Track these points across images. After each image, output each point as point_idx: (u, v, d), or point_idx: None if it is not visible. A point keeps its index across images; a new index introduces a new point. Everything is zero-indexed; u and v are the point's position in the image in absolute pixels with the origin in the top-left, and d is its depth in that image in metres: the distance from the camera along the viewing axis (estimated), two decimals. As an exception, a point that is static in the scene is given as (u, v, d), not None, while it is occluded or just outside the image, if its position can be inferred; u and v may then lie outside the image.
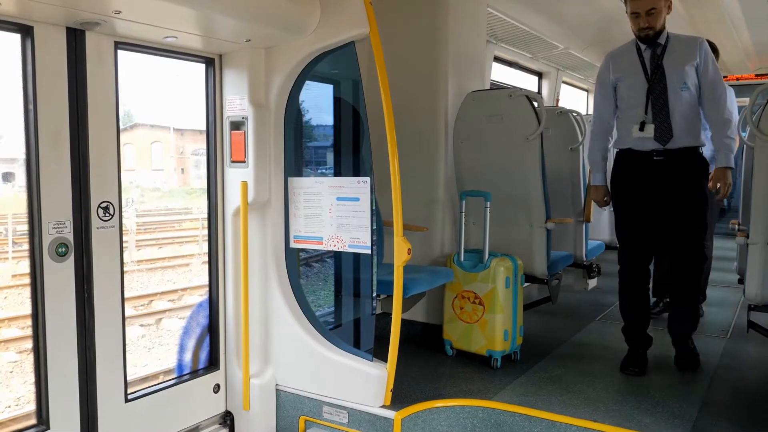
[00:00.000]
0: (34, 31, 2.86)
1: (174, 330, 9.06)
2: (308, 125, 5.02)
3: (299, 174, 3.97)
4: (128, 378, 3.43)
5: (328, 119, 4.85)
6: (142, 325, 9.25)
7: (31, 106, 2.89)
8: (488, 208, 4.46)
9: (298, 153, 4.13)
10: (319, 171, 5.42)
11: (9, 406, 6.71)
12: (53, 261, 3.00)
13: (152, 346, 8.73)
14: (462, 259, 4.47)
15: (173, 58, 3.61)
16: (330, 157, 5.07)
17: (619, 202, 4.22)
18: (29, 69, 2.88)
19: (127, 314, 9.17)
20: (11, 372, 7.45)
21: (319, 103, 4.78)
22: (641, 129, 3.95)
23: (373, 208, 3.55)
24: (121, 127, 3.31)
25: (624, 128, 4.12)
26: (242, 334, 3.76)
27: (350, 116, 4.68)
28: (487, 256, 4.38)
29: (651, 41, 3.97)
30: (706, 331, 5.02)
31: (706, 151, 4.22)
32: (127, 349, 3.41)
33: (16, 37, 2.87)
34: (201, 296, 4.10)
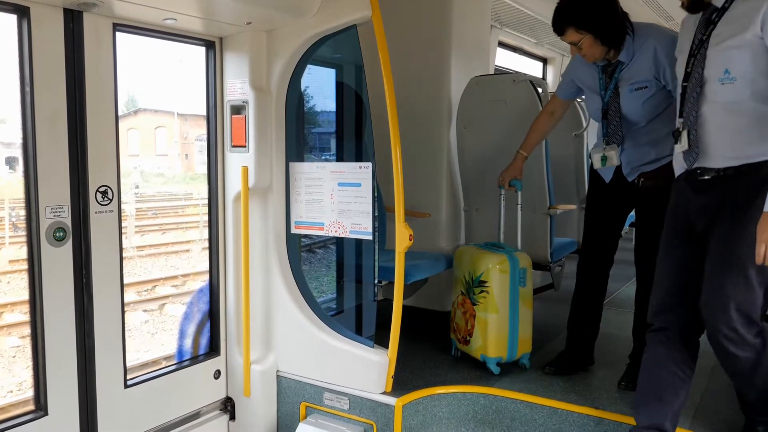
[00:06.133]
0: (31, 11, 2.82)
1: (177, 315, 9.07)
2: (310, 110, 4.99)
3: (300, 159, 3.94)
4: (132, 363, 3.41)
5: (329, 104, 4.82)
6: (145, 311, 9.26)
7: (27, 89, 2.85)
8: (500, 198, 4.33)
9: (300, 138, 4.10)
10: (320, 156, 5.40)
11: (11, 391, 6.72)
12: (51, 246, 2.97)
13: (155, 331, 8.74)
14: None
15: (173, 40, 3.57)
16: (332, 142, 5.04)
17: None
18: (25, 51, 2.84)
19: (130, 299, 9.20)
20: (14, 357, 7.47)
21: (320, 87, 4.75)
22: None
23: (375, 193, 3.52)
24: (126, 112, 3.28)
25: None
26: (243, 320, 3.75)
27: (352, 101, 4.64)
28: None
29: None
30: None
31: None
32: (130, 334, 3.40)
33: (12, 18, 2.83)
34: (204, 282, 4.09)
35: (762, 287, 2.58)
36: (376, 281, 3.99)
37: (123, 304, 3.34)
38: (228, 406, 3.92)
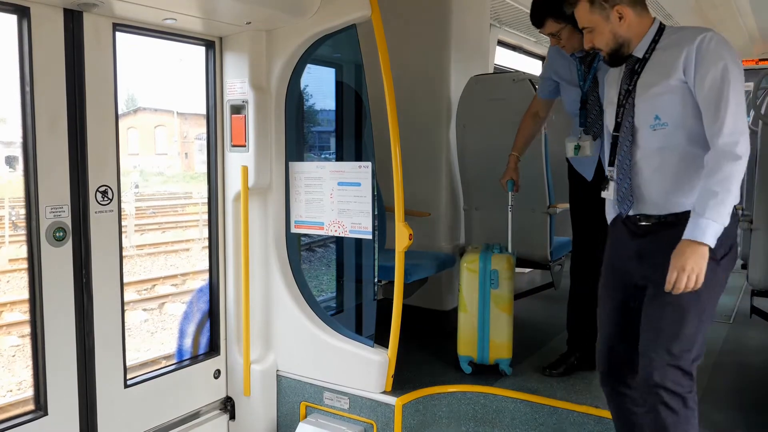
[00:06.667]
0: (31, 12, 2.82)
1: (177, 314, 9.07)
2: (309, 109, 4.99)
3: (300, 158, 3.94)
4: (132, 362, 3.41)
5: (329, 103, 4.81)
6: (145, 310, 9.26)
7: (27, 89, 2.85)
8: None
9: (299, 137, 4.10)
10: (320, 156, 5.40)
11: (11, 390, 6.72)
12: (51, 245, 2.97)
13: (155, 330, 8.73)
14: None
15: (173, 40, 3.56)
16: (331, 142, 5.04)
17: None
18: (26, 51, 2.84)
19: (130, 299, 9.16)
20: (13, 356, 7.46)
21: (320, 87, 4.75)
22: None
23: (375, 193, 3.52)
24: (125, 111, 3.28)
25: None
26: (243, 320, 3.75)
27: (352, 100, 4.64)
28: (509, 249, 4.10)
29: None
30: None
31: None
32: (130, 333, 3.39)
33: (12, 18, 2.82)
34: (204, 281, 4.09)
35: (700, 334, 2.52)
36: (375, 280, 3.99)
37: (123, 304, 3.34)
38: (228, 406, 3.91)
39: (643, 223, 2.65)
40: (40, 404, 3.02)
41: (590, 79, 3.55)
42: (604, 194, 2.78)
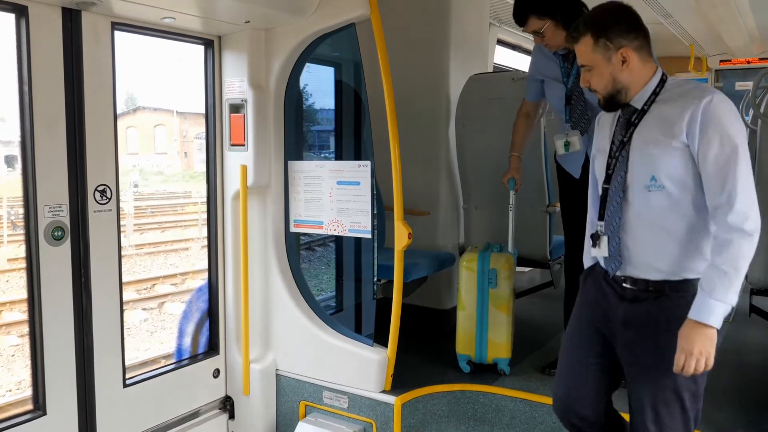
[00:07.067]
0: (29, 11, 2.82)
1: (176, 314, 9.08)
2: (309, 108, 4.98)
3: (299, 157, 3.93)
4: (131, 362, 3.41)
5: (328, 102, 4.81)
6: (144, 309, 9.26)
7: (26, 88, 2.85)
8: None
9: (299, 136, 4.09)
10: (319, 155, 5.39)
11: (10, 390, 6.72)
12: (49, 245, 2.97)
13: (155, 330, 8.74)
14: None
15: (171, 39, 3.56)
16: (330, 141, 5.03)
17: None
18: (24, 50, 2.83)
19: (130, 298, 9.18)
20: (13, 356, 7.47)
21: (319, 85, 4.74)
22: None
23: (374, 192, 3.52)
24: (125, 110, 3.27)
25: None
26: (242, 319, 3.74)
27: (351, 99, 4.64)
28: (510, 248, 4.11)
29: None
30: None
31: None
32: (130, 333, 3.39)
33: (10, 17, 2.82)
34: (203, 280, 4.08)
35: (693, 418, 2.43)
36: (375, 279, 3.99)
37: (122, 303, 3.34)
38: (227, 405, 3.91)
39: (629, 287, 2.45)
40: (39, 404, 3.02)
41: (573, 75, 3.57)
42: (594, 252, 2.54)
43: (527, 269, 6.27)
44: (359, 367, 3.58)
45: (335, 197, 3.61)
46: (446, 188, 4.96)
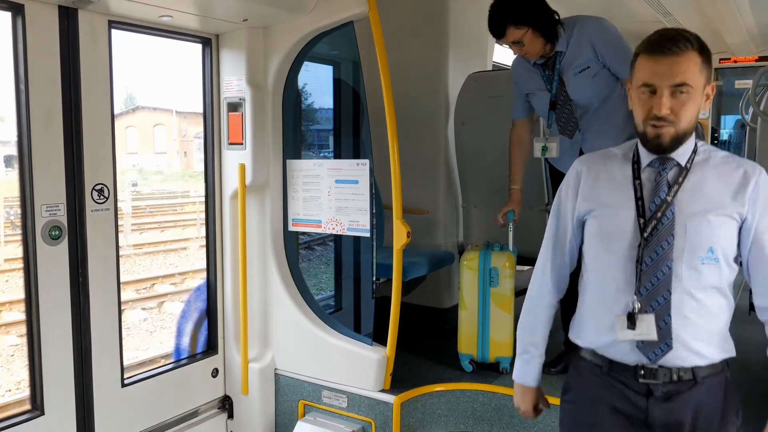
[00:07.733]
0: (25, 9, 2.80)
1: (175, 313, 9.08)
2: (307, 107, 4.97)
3: (298, 156, 3.92)
4: (131, 362, 3.40)
5: (327, 101, 4.79)
6: (144, 309, 9.26)
7: (22, 87, 2.84)
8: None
9: (297, 135, 4.08)
10: (318, 153, 5.38)
11: (9, 390, 6.71)
12: (46, 244, 2.96)
13: (154, 329, 8.73)
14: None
15: (169, 38, 3.55)
16: (329, 139, 5.02)
17: None
18: (20, 48, 2.82)
19: (129, 298, 9.17)
20: (12, 355, 7.46)
21: (318, 84, 4.73)
22: None
23: (373, 190, 3.51)
24: (124, 109, 3.26)
25: None
26: (241, 318, 3.73)
27: (349, 98, 4.63)
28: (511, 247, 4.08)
29: None
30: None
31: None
32: (129, 332, 3.38)
33: (6, 16, 2.81)
34: (202, 279, 4.08)
35: None
36: (374, 278, 3.98)
37: (120, 303, 3.33)
38: (226, 405, 3.90)
39: (660, 381, 2.05)
40: (37, 404, 3.01)
41: (556, 80, 3.56)
42: (625, 335, 2.05)
43: (527, 268, 6.26)
44: (358, 366, 3.57)
45: (334, 196, 3.60)
46: (445, 187, 4.95)
